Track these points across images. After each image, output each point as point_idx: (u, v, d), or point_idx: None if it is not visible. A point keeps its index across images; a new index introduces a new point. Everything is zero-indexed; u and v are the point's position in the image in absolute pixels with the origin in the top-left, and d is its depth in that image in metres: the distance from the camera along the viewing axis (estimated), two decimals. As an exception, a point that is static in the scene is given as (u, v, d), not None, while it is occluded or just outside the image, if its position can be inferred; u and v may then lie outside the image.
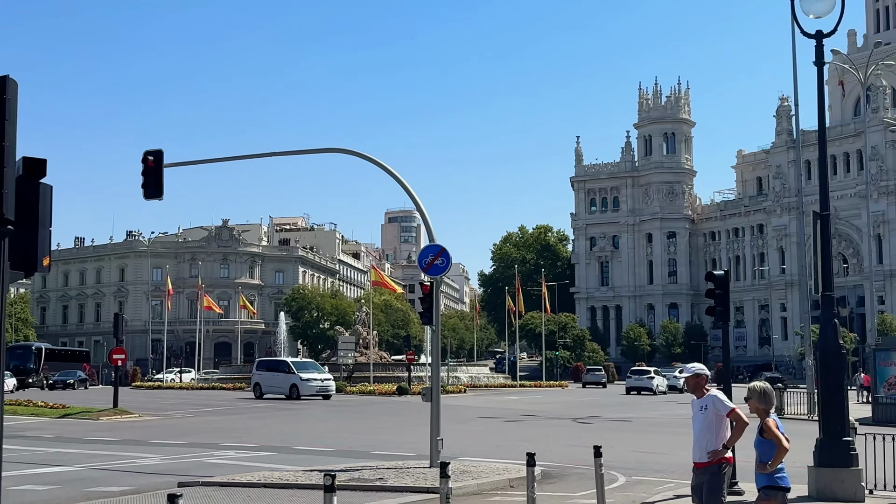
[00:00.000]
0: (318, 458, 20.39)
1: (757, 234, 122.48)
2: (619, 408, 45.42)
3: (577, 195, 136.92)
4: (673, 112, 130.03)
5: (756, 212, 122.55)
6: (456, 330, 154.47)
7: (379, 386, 58.44)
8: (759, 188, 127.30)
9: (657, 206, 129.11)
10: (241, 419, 35.02)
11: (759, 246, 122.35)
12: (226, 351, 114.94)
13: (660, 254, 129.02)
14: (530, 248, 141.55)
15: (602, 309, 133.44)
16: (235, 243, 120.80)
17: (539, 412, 40.13)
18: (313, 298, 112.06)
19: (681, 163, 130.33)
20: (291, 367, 52.41)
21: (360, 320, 76.83)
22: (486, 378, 78.14)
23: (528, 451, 11.80)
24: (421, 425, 25.86)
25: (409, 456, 20.47)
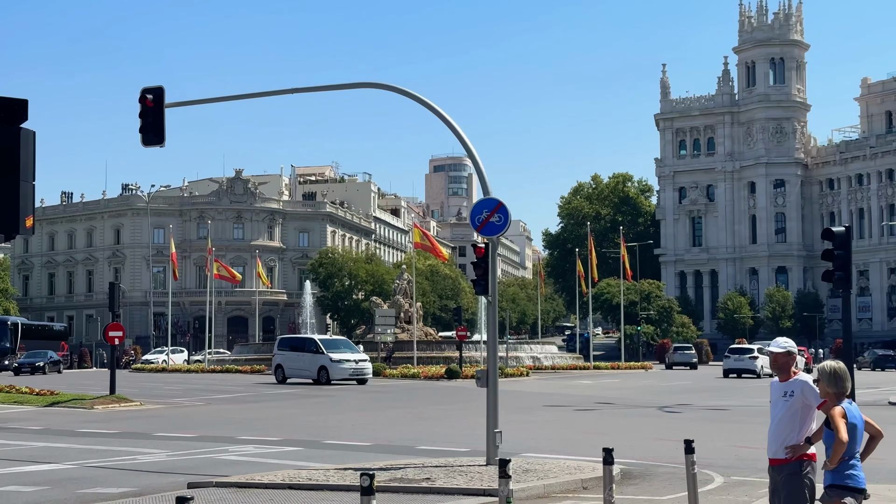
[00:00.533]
0: (353, 455, 20.61)
1: (886, 182, 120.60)
2: (715, 394, 45.24)
3: (662, 136, 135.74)
4: (782, 32, 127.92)
5: (885, 154, 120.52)
6: (516, 301, 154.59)
7: (424, 368, 58.83)
8: (889, 124, 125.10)
9: (762, 149, 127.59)
10: (261, 408, 35.51)
11: (889, 196, 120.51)
12: (241, 327, 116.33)
13: (765, 206, 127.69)
14: (606, 201, 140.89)
15: (693, 275, 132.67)
16: (251, 198, 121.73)
17: (617, 399, 40.16)
18: (344, 264, 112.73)
19: (791, 95, 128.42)
20: (320, 345, 52.87)
21: (400, 290, 77.21)
22: (552, 358, 78.31)
23: (605, 446, 11.81)
24: (475, 415, 26.00)
25: (462, 452, 20.61)
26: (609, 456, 11.71)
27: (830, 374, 8.60)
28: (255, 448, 21.97)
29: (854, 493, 8.48)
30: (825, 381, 8.60)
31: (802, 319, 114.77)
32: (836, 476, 8.47)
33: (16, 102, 7.70)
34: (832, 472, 8.48)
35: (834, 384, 8.57)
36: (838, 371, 8.59)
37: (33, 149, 7.77)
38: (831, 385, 8.57)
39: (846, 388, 8.60)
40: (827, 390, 8.60)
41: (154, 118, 20.70)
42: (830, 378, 8.59)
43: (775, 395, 9.06)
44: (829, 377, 8.59)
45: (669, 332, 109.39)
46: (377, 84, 21.37)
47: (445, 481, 15.98)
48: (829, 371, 8.61)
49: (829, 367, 8.64)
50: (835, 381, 8.57)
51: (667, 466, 18.46)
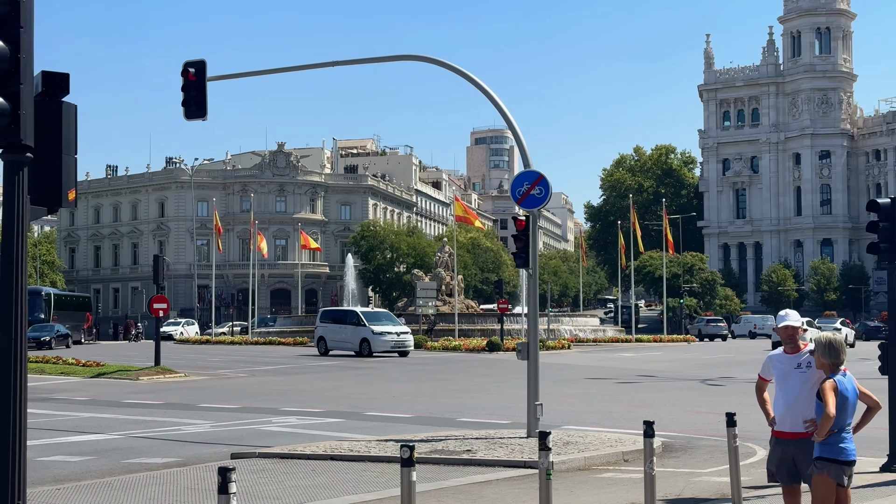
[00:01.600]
0: (394, 426, 20.73)
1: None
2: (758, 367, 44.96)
3: (706, 107, 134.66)
4: (828, 1, 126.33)
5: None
6: (558, 274, 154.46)
7: (465, 341, 58.97)
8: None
9: (807, 120, 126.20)
10: (304, 379, 35.77)
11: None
12: (284, 299, 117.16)
13: (810, 178, 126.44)
14: (648, 173, 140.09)
15: (737, 247, 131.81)
16: (293, 171, 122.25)
17: (659, 372, 40.06)
18: (386, 236, 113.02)
19: (837, 65, 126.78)
20: (361, 318, 53.16)
21: (442, 262, 77.36)
22: (594, 331, 78.24)
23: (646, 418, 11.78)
24: (516, 387, 26.04)
25: (503, 424, 20.67)
26: (650, 429, 11.67)
27: (826, 346, 8.62)
28: (298, 419, 22.15)
29: (843, 466, 8.47)
30: (820, 352, 8.64)
31: (848, 292, 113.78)
32: (825, 448, 8.49)
33: (57, 76, 7.76)
34: (821, 445, 8.49)
35: (828, 355, 8.59)
36: (833, 342, 8.59)
37: (75, 122, 7.84)
38: (826, 356, 8.60)
39: (841, 360, 8.61)
40: (822, 361, 8.62)
41: (196, 92, 20.80)
42: (825, 349, 8.61)
43: (785, 367, 9.08)
44: (825, 348, 8.61)
45: (713, 305, 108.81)
46: (418, 56, 21.33)
47: (486, 453, 16.03)
48: (824, 342, 8.64)
49: (824, 339, 8.66)
50: (829, 352, 8.59)
51: (709, 439, 18.42)
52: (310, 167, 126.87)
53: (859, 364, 40.85)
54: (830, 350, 8.60)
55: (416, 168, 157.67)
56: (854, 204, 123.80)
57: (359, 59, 24.36)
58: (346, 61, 23.07)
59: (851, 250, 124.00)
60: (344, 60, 22.84)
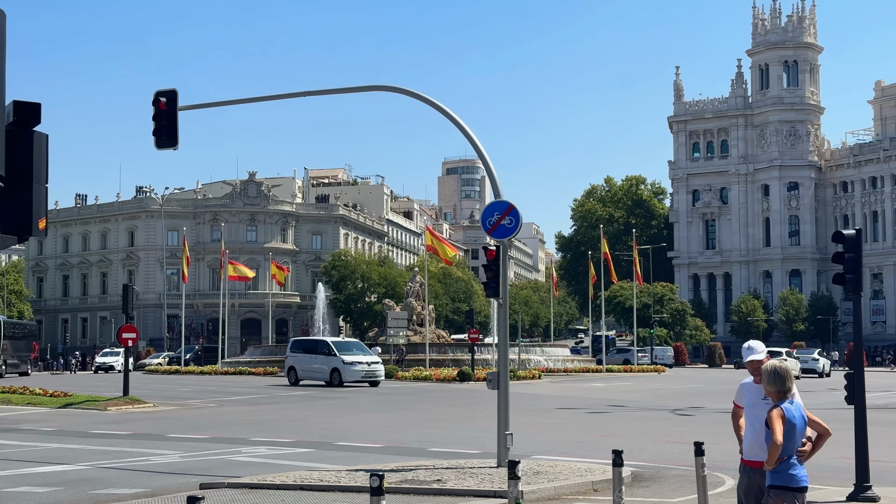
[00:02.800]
0: (365, 456, 20.69)
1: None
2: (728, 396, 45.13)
3: (676, 139, 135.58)
4: (795, 35, 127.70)
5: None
6: (529, 304, 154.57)
7: (436, 370, 58.87)
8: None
9: (775, 152, 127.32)
10: (274, 409, 35.60)
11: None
12: (255, 328, 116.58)
13: (779, 209, 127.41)
14: (619, 204, 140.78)
15: (707, 277, 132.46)
16: (264, 200, 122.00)
17: (629, 402, 40.15)
18: (357, 266, 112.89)
19: (805, 97, 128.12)
20: (332, 347, 53.00)
21: (413, 292, 77.26)
22: (564, 361, 78.24)
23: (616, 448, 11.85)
24: (486, 417, 26.04)
25: (473, 454, 20.66)
26: (619, 458, 11.74)
27: (771, 374, 8.71)
28: (268, 449, 22.06)
29: (795, 492, 8.55)
30: (766, 381, 8.74)
31: (816, 322, 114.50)
32: (776, 476, 8.56)
33: (29, 106, 7.79)
34: (772, 473, 8.57)
35: (773, 383, 8.68)
36: (779, 370, 8.69)
37: (46, 152, 7.86)
38: (771, 384, 8.69)
39: (787, 388, 8.67)
40: (769, 389, 8.71)
41: (167, 121, 20.81)
42: (770, 377, 8.70)
43: (753, 396, 9.19)
44: (769, 376, 8.71)
45: (683, 335, 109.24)
46: (389, 87, 21.45)
47: (456, 483, 16.03)
48: (769, 370, 8.74)
49: (769, 367, 8.76)
50: (774, 380, 8.68)
51: (678, 469, 18.48)
52: (281, 196, 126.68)
53: (827, 394, 41.12)
54: (776, 378, 8.69)
55: (387, 198, 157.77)
56: (822, 235, 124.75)
57: (330, 90, 24.46)
58: (317, 91, 23.16)
59: (820, 281, 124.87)
60: (315, 91, 22.92)
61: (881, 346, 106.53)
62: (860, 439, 15.40)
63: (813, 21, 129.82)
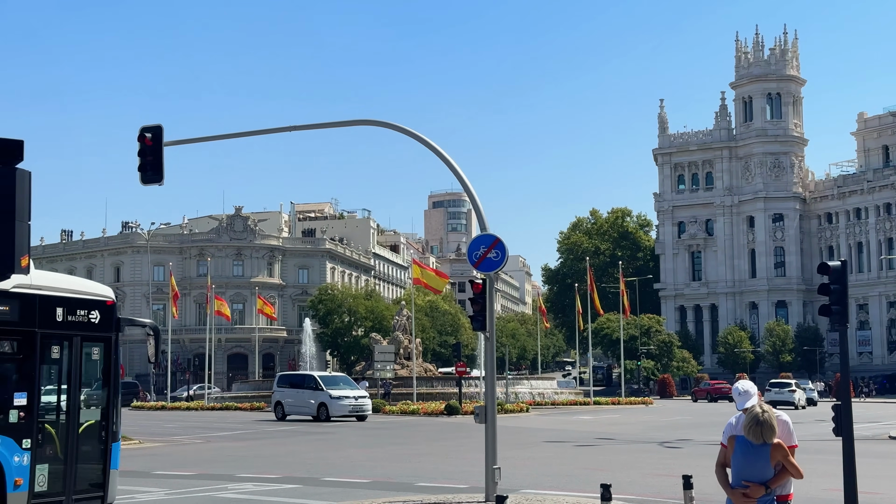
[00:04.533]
0: (352, 492, 20.55)
1: (884, 216, 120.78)
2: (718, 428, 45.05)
3: (661, 171, 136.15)
4: (778, 68, 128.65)
5: (883, 188, 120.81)
6: (516, 336, 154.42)
7: (424, 404, 58.66)
8: (886, 159, 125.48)
9: (760, 183, 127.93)
10: (261, 445, 35.38)
11: (888, 230, 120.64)
12: (241, 363, 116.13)
13: (764, 241, 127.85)
14: (605, 236, 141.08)
15: (693, 309, 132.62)
16: (251, 235, 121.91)
17: (617, 435, 40.03)
18: (344, 300, 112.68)
19: (788, 129, 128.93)
20: (319, 382, 52.80)
21: (399, 326, 77.13)
22: (552, 394, 78.06)
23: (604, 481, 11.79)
24: (474, 451, 25.92)
25: (461, 488, 20.55)
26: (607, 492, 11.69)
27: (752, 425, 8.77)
28: (255, 486, 21.90)
29: None
30: (746, 424, 8.83)
31: (803, 353, 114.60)
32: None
33: (11, 143, 7.76)
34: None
35: (752, 433, 8.79)
36: (760, 421, 8.73)
37: (29, 189, 7.82)
38: (750, 433, 8.80)
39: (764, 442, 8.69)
40: (746, 432, 8.81)
41: (153, 156, 20.80)
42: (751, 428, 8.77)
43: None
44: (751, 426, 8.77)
45: (670, 367, 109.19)
46: (374, 121, 21.49)
47: (444, 518, 15.91)
48: (752, 421, 8.77)
49: (750, 416, 8.77)
50: (752, 432, 8.77)
51: (667, 502, 18.39)
52: (267, 231, 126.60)
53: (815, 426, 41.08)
54: (755, 429, 8.68)
55: (373, 231, 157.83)
56: (807, 266, 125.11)
57: (315, 125, 24.51)
58: (302, 126, 23.20)
59: (806, 312, 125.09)
60: (301, 125, 22.96)
61: (867, 377, 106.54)
62: (848, 471, 15.37)
63: (795, 54, 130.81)
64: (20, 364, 14.53)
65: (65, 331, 15.04)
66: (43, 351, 14.65)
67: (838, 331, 16.62)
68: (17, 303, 14.22)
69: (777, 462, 8.69)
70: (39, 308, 14.55)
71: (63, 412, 15.01)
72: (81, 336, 15.30)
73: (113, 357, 15.90)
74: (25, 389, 14.32)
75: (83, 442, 15.24)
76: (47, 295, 14.77)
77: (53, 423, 14.82)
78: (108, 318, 15.83)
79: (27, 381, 14.40)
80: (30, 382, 14.40)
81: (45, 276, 15.33)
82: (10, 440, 13.91)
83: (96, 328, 15.60)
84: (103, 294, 16.05)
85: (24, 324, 14.39)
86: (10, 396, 14.21)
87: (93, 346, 15.73)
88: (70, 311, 15.10)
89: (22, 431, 14.09)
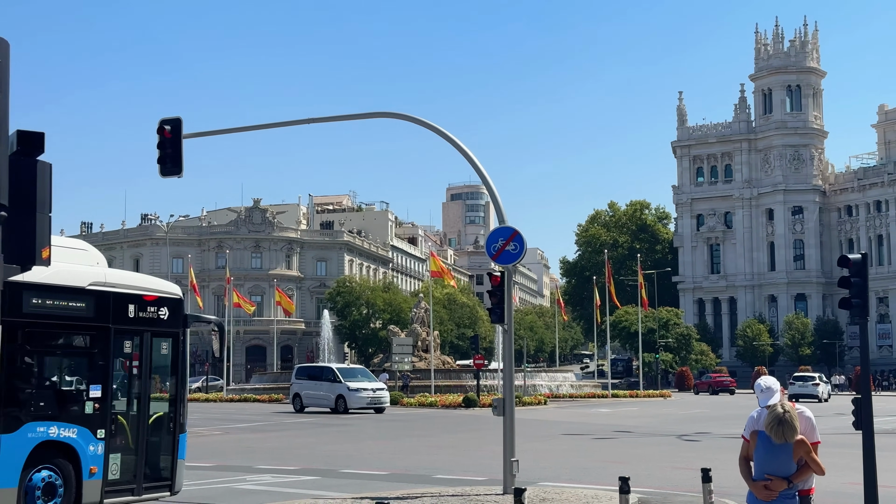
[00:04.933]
0: (370, 483, 20.59)
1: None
2: (736, 421, 44.97)
3: (679, 163, 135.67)
4: (798, 60, 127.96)
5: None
6: (534, 329, 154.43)
7: (441, 397, 58.73)
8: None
9: (779, 176, 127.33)
10: (279, 437, 35.50)
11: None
12: (259, 356, 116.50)
13: (783, 233, 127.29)
14: (623, 229, 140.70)
15: (712, 302, 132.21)
16: (269, 227, 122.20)
17: (635, 427, 39.99)
18: (362, 292, 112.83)
19: (808, 121, 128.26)
20: (337, 374, 52.94)
21: (418, 318, 77.21)
22: (570, 386, 78.06)
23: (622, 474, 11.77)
24: (492, 444, 25.93)
25: (478, 480, 20.56)
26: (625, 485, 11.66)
27: (774, 424, 8.71)
28: (273, 477, 21.97)
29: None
30: (768, 422, 8.80)
31: (822, 347, 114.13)
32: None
33: (32, 135, 7.79)
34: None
35: (773, 432, 8.71)
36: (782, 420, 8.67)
37: (50, 181, 7.86)
38: (772, 431, 8.72)
39: (785, 441, 8.65)
40: (768, 430, 8.74)
41: (172, 149, 20.85)
42: (773, 426, 8.71)
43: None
44: (772, 425, 8.71)
45: (688, 360, 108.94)
46: (393, 114, 21.48)
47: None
48: (775, 419, 8.71)
49: (775, 416, 8.72)
50: (774, 430, 8.69)
51: (685, 496, 18.37)
52: (285, 223, 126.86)
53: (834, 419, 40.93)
54: (777, 429, 8.63)
55: (391, 224, 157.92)
56: (827, 259, 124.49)
57: (334, 117, 24.49)
58: (321, 118, 23.21)
59: (825, 305, 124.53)
60: (319, 118, 22.97)
61: (887, 370, 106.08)
62: (868, 465, 15.30)
63: (816, 45, 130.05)
64: (95, 358, 15.42)
65: (136, 326, 15.98)
66: (116, 345, 15.67)
67: (858, 324, 16.54)
68: (92, 300, 15.19)
69: (800, 457, 8.66)
70: (113, 305, 15.50)
71: (134, 404, 15.98)
72: (151, 332, 16.25)
73: (181, 352, 16.78)
74: (100, 382, 15.28)
75: (153, 433, 16.16)
76: (120, 292, 15.68)
77: (125, 415, 15.76)
78: (176, 315, 16.71)
79: (101, 374, 15.35)
80: (104, 375, 15.37)
81: (117, 275, 16.35)
82: (86, 430, 14.86)
83: (165, 324, 16.51)
84: (172, 291, 16.95)
85: (99, 319, 15.35)
86: (86, 388, 15.19)
87: (162, 341, 16.64)
88: (141, 307, 16.03)
89: (97, 422, 15.05)
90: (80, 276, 15.20)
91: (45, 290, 14.50)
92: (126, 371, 16.09)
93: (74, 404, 15.11)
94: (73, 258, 15.55)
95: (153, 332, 16.28)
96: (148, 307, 16.16)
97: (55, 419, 14.58)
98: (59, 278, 14.56)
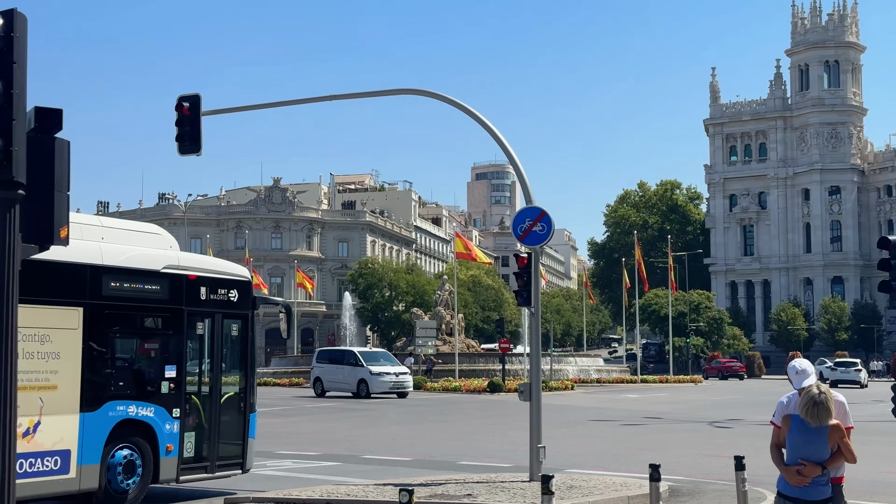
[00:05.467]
0: (393, 470, 20.66)
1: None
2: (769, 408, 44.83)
3: (712, 142, 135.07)
4: (836, 34, 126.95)
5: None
6: (561, 312, 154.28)
7: (466, 381, 58.83)
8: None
9: (816, 155, 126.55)
10: (299, 422, 35.67)
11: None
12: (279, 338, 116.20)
13: (820, 214, 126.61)
14: (653, 209, 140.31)
15: (745, 285, 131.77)
16: (289, 207, 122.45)
17: (665, 413, 39.96)
18: (385, 274, 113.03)
19: (847, 98, 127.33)
20: (359, 358, 53.05)
21: (442, 301, 77.29)
22: (598, 371, 78.06)
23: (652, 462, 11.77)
24: (518, 430, 25.97)
25: (504, 467, 20.60)
26: (656, 472, 11.66)
27: (809, 406, 8.62)
28: (294, 463, 22.09)
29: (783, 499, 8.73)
30: (802, 405, 8.71)
31: (859, 331, 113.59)
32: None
33: (50, 112, 7.82)
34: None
35: (809, 415, 8.65)
36: (817, 401, 8.57)
37: (68, 159, 7.89)
38: (808, 414, 8.67)
39: (820, 424, 8.60)
40: (802, 414, 8.70)
41: (191, 126, 20.88)
42: (808, 409, 8.63)
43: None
44: (807, 407, 8.63)
45: (720, 345, 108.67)
46: (417, 90, 21.42)
47: (487, 497, 15.96)
48: (810, 402, 8.63)
49: (810, 397, 8.64)
50: (809, 414, 8.63)
51: (717, 483, 18.35)
52: (306, 203, 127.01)
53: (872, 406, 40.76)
54: (812, 412, 8.57)
55: (415, 204, 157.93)
56: (865, 241, 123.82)
57: (356, 94, 24.46)
58: (343, 95, 23.19)
59: (863, 288, 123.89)
60: (341, 95, 22.94)
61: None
62: (907, 453, 15.24)
63: (855, 20, 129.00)
64: (170, 339, 16.25)
65: (208, 308, 16.70)
66: (189, 327, 16.41)
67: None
68: (166, 282, 15.96)
69: (834, 443, 8.63)
70: (186, 287, 16.22)
71: (206, 384, 16.76)
72: (223, 313, 17.00)
73: (250, 333, 17.50)
74: (175, 363, 16.07)
75: (224, 412, 16.95)
76: (193, 275, 16.41)
77: (198, 395, 16.51)
78: (245, 297, 17.41)
79: (176, 355, 16.15)
80: (178, 356, 16.16)
81: (189, 258, 17.18)
82: (162, 409, 15.68)
83: (235, 306, 17.19)
84: (241, 274, 17.65)
85: (173, 302, 16.13)
86: (161, 369, 15.97)
87: (232, 323, 17.35)
88: (212, 290, 16.74)
89: (172, 402, 15.87)
90: (154, 260, 15.94)
91: (123, 273, 15.34)
92: (199, 352, 16.77)
93: (151, 384, 15.84)
94: (147, 242, 16.33)
95: (224, 314, 16.98)
96: (219, 289, 16.83)
97: (133, 398, 15.37)
98: (135, 262, 15.46)
